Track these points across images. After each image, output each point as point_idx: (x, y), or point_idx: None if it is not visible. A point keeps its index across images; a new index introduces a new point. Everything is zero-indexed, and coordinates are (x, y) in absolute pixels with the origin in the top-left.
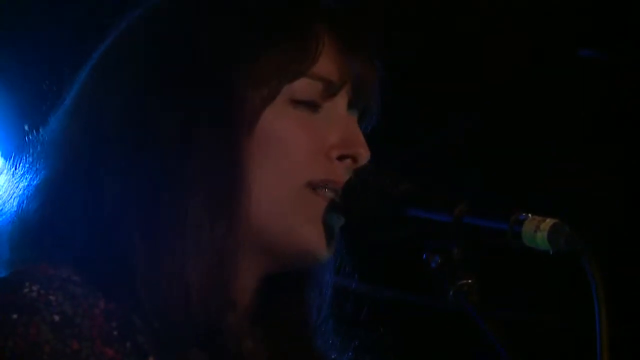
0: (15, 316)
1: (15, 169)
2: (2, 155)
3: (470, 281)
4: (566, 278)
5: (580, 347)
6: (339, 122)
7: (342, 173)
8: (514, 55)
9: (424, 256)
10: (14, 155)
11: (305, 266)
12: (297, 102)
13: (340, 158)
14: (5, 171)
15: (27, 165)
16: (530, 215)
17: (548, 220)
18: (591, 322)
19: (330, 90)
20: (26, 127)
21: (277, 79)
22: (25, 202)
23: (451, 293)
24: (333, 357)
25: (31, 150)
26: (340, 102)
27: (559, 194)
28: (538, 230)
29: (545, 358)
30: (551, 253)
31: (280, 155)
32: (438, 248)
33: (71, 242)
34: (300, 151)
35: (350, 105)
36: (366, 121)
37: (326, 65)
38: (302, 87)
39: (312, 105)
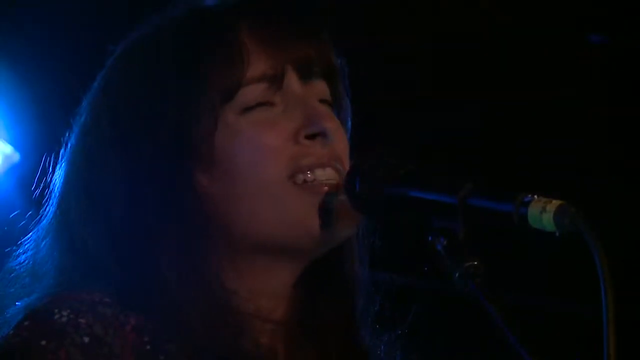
0: (44, 342)
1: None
2: (13, 145)
3: (476, 263)
4: (572, 260)
5: (586, 329)
6: (298, 104)
7: (318, 151)
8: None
9: (429, 238)
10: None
11: (320, 255)
12: (249, 109)
13: (310, 137)
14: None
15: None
16: (536, 196)
17: (554, 201)
18: (597, 304)
19: (274, 84)
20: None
21: (217, 102)
22: (53, 237)
23: (457, 275)
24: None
25: (47, 192)
26: (292, 84)
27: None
28: (544, 211)
29: (551, 340)
30: (557, 235)
31: (248, 168)
32: (443, 230)
33: (101, 268)
34: (266, 152)
35: (305, 77)
36: (337, 76)
37: (261, 63)
38: (246, 95)
39: (265, 104)
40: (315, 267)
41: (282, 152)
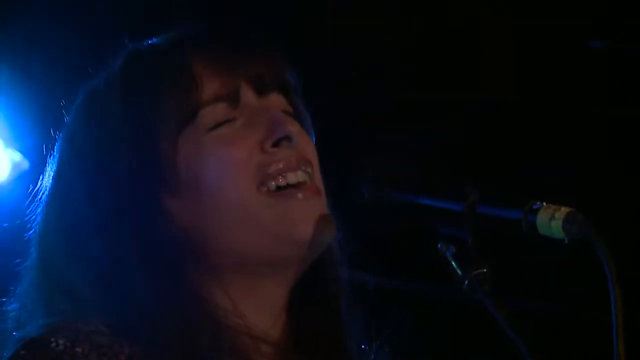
0: None
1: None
2: (23, 153)
3: (485, 270)
4: (581, 266)
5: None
6: (258, 116)
7: (286, 156)
8: (523, 45)
9: (439, 245)
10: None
11: (306, 266)
12: (212, 128)
13: (276, 144)
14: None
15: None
16: (544, 203)
17: (563, 208)
18: (606, 310)
19: (231, 102)
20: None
21: (174, 127)
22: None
23: (466, 282)
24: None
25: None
26: (249, 98)
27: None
28: (553, 219)
29: (559, 347)
30: (566, 242)
31: (216, 184)
32: (452, 237)
33: (90, 302)
34: (232, 165)
35: (261, 92)
36: (293, 91)
37: (214, 84)
38: (206, 116)
39: (227, 122)
40: (304, 281)
41: (248, 163)
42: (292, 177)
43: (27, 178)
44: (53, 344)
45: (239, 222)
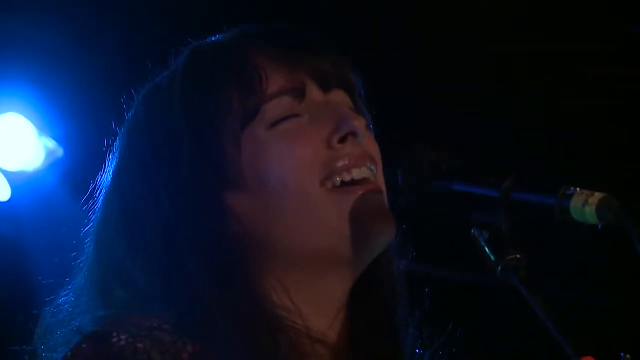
0: None
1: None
2: (57, 140)
3: (518, 256)
4: (616, 253)
5: (630, 323)
6: (323, 111)
7: (352, 151)
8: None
9: (472, 231)
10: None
11: (365, 264)
12: (276, 123)
13: (342, 140)
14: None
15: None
16: (578, 189)
17: (596, 194)
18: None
19: (296, 96)
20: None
21: (238, 123)
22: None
23: (499, 268)
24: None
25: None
26: (314, 94)
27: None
28: (586, 204)
29: (593, 334)
30: (599, 227)
31: (281, 180)
32: (486, 223)
33: (153, 299)
34: (299, 162)
35: (325, 87)
36: (355, 89)
37: (280, 79)
38: (271, 110)
39: (292, 116)
40: (362, 281)
41: (315, 159)
42: (357, 173)
43: (60, 165)
44: (115, 339)
45: (302, 218)
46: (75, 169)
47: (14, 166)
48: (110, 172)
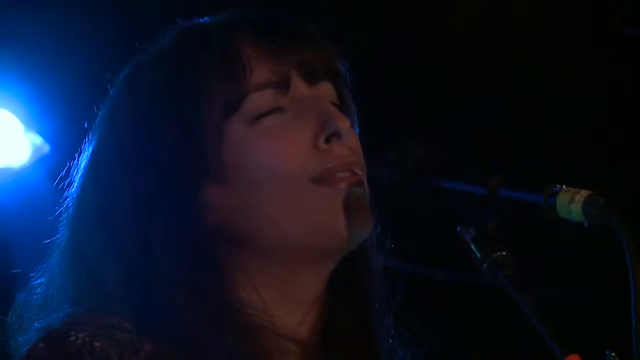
0: None
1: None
2: (43, 136)
3: (504, 254)
4: (602, 251)
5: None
6: (308, 107)
7: (338, 152)
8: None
9: (458, 229)
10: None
11: (344, 251)
12: (259, 117)
13: (327, 140)
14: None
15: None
16: (564, 187)
17: (583, 192)
18: (627, 296)
19: (281, 88)
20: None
21: (221, 115)
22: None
23: (484, 266)
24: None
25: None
26: (299, 87)
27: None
28: (572, 202)
29: (580, 332)
30: (586, 225)
31: (266, 176)
32: (472, 220)
33: (117, 294)
34: (283, 162)
35: (311, 80)
36: (342, 80)
37: (264, 70)
38: (254, 102)
39: (275, 110)
40: (336, 276)
41: (300, 159)
42: (343, 176)
43: (47, 162)
44: (72, 337)
45: (283, 212)
46: (61, 166)
47: None
48: (89, 153)
